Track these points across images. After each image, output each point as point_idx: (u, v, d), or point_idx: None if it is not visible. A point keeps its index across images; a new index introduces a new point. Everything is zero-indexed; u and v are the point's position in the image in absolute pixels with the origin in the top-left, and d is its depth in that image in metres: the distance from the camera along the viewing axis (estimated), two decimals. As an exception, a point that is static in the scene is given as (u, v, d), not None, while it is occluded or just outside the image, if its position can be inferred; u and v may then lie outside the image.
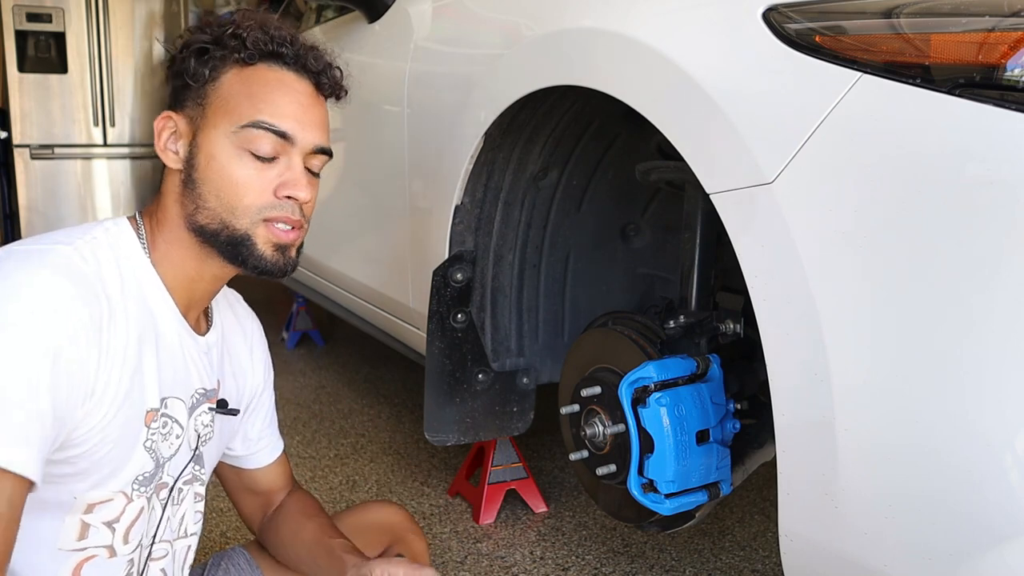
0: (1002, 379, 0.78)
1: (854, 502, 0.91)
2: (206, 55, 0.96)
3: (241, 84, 0.95)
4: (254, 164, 0.95)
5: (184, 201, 0.96)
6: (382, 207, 2.07)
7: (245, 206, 0.95)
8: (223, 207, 0.95)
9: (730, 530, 1.97)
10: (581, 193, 1.74)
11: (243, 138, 0.94)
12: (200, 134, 0.96)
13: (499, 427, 1.82)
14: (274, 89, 0.96)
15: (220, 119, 0.95)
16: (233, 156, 0.94)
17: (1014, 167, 0.77)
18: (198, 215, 0.95)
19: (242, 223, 0.95)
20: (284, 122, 0.95)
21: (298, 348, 3.64)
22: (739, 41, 1.02)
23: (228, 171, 0.94)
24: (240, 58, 0.95)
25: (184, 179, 0.96)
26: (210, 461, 1.11)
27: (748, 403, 1.37)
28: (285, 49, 0.97)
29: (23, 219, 5.01)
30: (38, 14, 4.86)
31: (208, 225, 0.95)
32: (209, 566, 1.23)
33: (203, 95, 0.96)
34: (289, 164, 0.97)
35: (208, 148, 0.95)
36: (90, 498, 0.93)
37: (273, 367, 1.25)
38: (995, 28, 0.83)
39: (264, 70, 0.96)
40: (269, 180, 0.96)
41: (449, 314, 1.67)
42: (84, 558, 0.95)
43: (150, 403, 0.94)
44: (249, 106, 0.94)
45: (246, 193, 0.95)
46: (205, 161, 0.95)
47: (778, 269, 0.95)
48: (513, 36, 1.49)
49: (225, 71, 0.96)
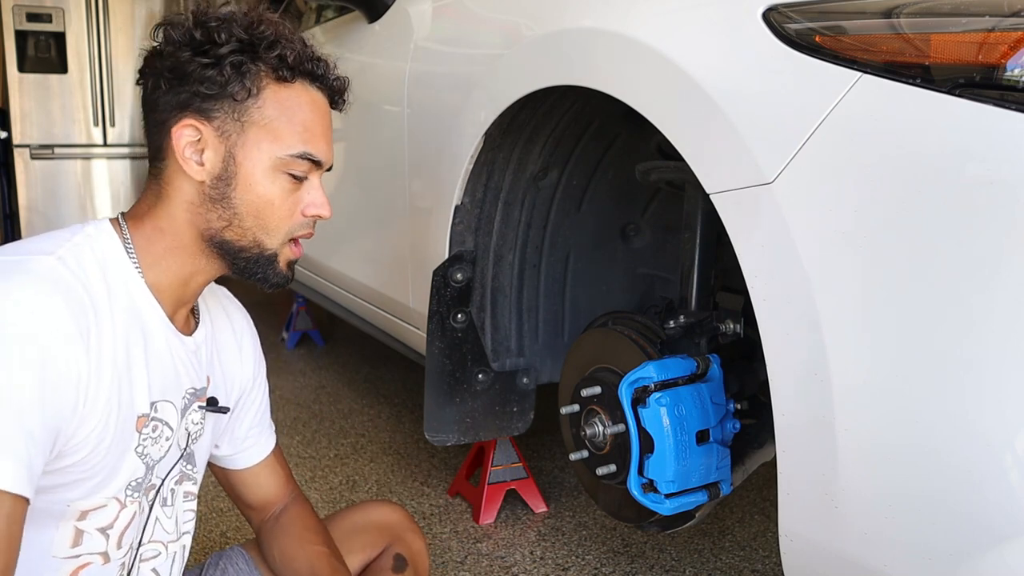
0: (1002, 379, 0.78)
1: (854, 502, 0.91)
2: (243, 67, 0.93)
3: (281, 105, 0.95)
4: (289, 185, 0.97)
5: (206, 214, 0.95)
6: (382, 207, 2.07)
7: (278, 226, 0.98)
8: (259, 227, 0.97)
9: (730, 530, 1.97)
10: (581, 193, 1.74)
11: (288, 164, 0.96)
12: (239, 151, 0.94)
13: (499, 427, 1.82)
14: (311, 115, 0.98)
15: (264, 141, 0.94)
16: (272, 178, 0.96)
17: (1014, 167, 0.77)
18: (227, 231, 0.96)
19: (274, 242, 0.98)
20: (322, 150, 0.98)
21: (298, 348, 3.64)
22: (739, 41, 1.02)
23: (269, 193, 0.96)
24: (281, 76, 0.95)
25: (211, 193, 0.95)
26: (202, 459, 1.10)
27: (748, 403, 1.37)
28: (317, 68, 0.99)
29: (23, 219, 5.00)
30: (38, 14, 4.86)
31: (237, 242, 0.97)
32: (208, 566, 1.23)
33: (243, 111, 0.94)
34: (312, 183, 1.00)
35: (249, 168, 0.94)
36: (84, 505, 0.92)
37: (267, 365, 1.23)
38: (995, 28, 0.83)
39: (300, 90, 0.97)
40: (298, 200, 0.99)
41: (449, 314, 1.67)
42: (79, 566, 0.95)
43: (140, 408, 0.94)
44: (293, 134, 0.96)
45: (282, 214, 0.97)
46: (246, 181, 0.95)
47: (778, 269, 0.95)
48: (513, 36, 1.49)
49: (263, 87, 0.94)
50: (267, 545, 1.20)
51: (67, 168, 5.10)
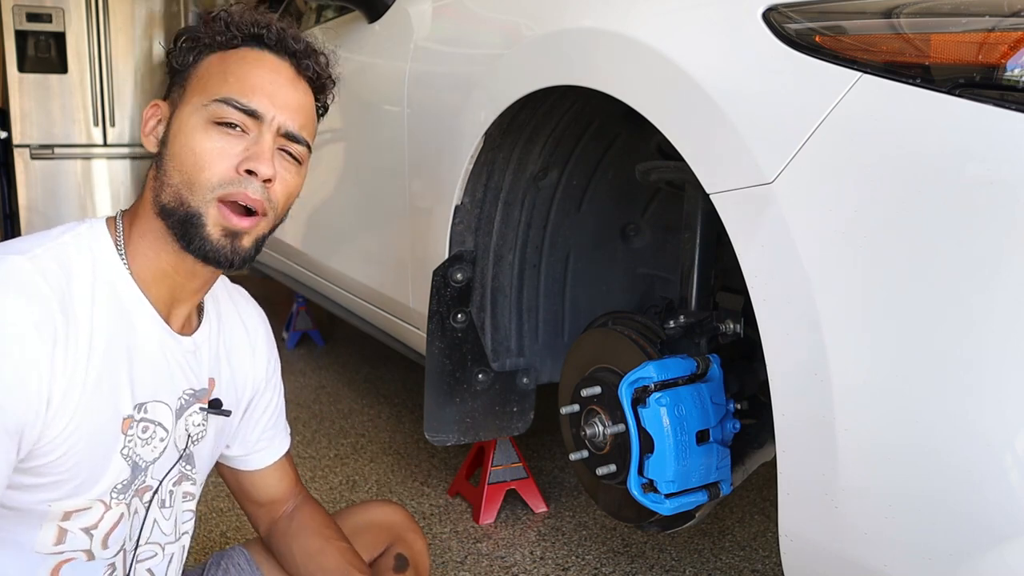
0: (1002, 379, 0.78)
1: (854, 502, 0.91)
2: (191, 42, 0.97)
3: (218, 64, 0.96)
4: (220, 138, 0.92)
5: (154, 184, 0.95)
6: (382, 207, 2.07)
7: (203, 180, 0.91)
8: (183, 182, 0.91)
9: (730, 530, 1.97)
10: (581, 193, 1.75)
11: (212, 112, 0.92)
12: (176, 112, 0.96)
13: (499, 427, 1.82)
14: (250, 66, 0.95)
15: (193, 96, 0.95)
16: (199, 129, 0.92)
17: (1014, 167, 0.77)
18: (162, 194, 0.93)
19: (196, 199, 0.91)
20: (254, 98, 0.93)
21: (298, 348, 3.64)
22: (739, 41, 1.02)
23: (191, 144, 0.92)
24: (222, 41, 0.96)
25: (157, 160, 0.95)
26: (203, 461, 1.09)
27: (748, 403, 1.37)
28: (266, 32, 0.96)
29: (23, 219, 5.01)
30: (38, 14, 4.86)
31: (168, 203, 0.92)
32: (209, 565, 1.23)
33: (184, 78, 0.97)
34: (256, 140, 0.93)
35: (178, 124, 0.94)
36: (66, 506, 0.92)
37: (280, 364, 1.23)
38: (995, 28, 0.83)
39: (244, 51, 0.97)
40: (233, 155, 0.92)
41: (449, 314, 1.67)
42: (62, 560, 0.94)
43: (124, 410, 0.93)
44: (221, 82, 0.93)
45: (206, 166, 0.91)
46: (174, 137, 0.94)
47: (778, 269, 0.95)
48: (513, 36, 1.49)
49: (208, 55, 0.97)
50: (283, 544, 1.19)
51: (67, 168, 5.10)
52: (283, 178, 0.96)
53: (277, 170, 0.94)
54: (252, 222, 0.94)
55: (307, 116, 0.99)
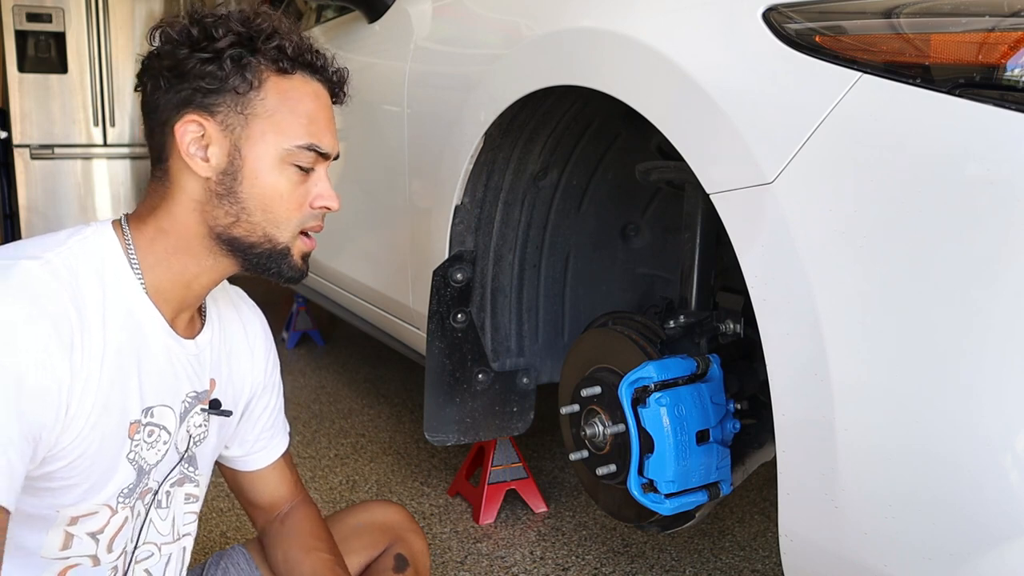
0: (1002, 379, 0.78)
1: (854, 502, 0.91)
2: (242, 59, 0.93)
3: (283, 97, 0.95)
4: (298, 178, 0.97)
5: (213, 211, 0.94)
6: (382, 207, 2.07)
7: (287, 218, 0.97)
8: (268, 221, 0.96)
9: (730, 530, 1.97)
10: (581, 193, 1.75)
11: (295, 156, 0.95)
12: (244, 144, 0.93)
13: (499, 427, 1.82)
14: (313, 105, 0.97)
15: (269, 133, 0.94)
16: (280, 171, 0.95)
17: (1014, 167, 0.77)
18: (236, 227, 0.95)
19: (285, 236, 0.97)
20: (328, 142, 0.98)
21: (298, 348, 3.64)
22: (739, 41, 1.02)
23: (276, 186, 0.95)
24: (281, 68, 0.95)
25: (218, 189, 0.94)
26: (205, 461, 1.09)
27: (748, 403, 1.36)
28: (317, 60, 0.99)
29: (23, 219, 5.01)
30: (38, 14, 4.86)
31: (247, 238, 0.96)
32: (208, 565, 1.23)
33: (245, 104, 0.93)
34: (320, 175, 0.99)
35: (255, 161, 0.94)
36: (74, 512, 0.92)
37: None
38: (995, 28, 0.83)
39: (300, 82, 0.97)
40: (306, 192, 0.98)
41: (449, 314, 1.67)
42: (67, 566, 0.94)
43: (132, 415, 0.93)
44: (298, 125, 0.95)
45: (291, 207, 0.97)
46: (252, 174, 0.94)
47: (778, 269, 0.95)
48: (513, 36, 1.49)
49: (264, 79, 0.94)
50: (271, 548, 1.19)
51: (67, 168, 5.10)
52: None
53: None
54: (315, 242, 1.04)
55: None
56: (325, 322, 3.90)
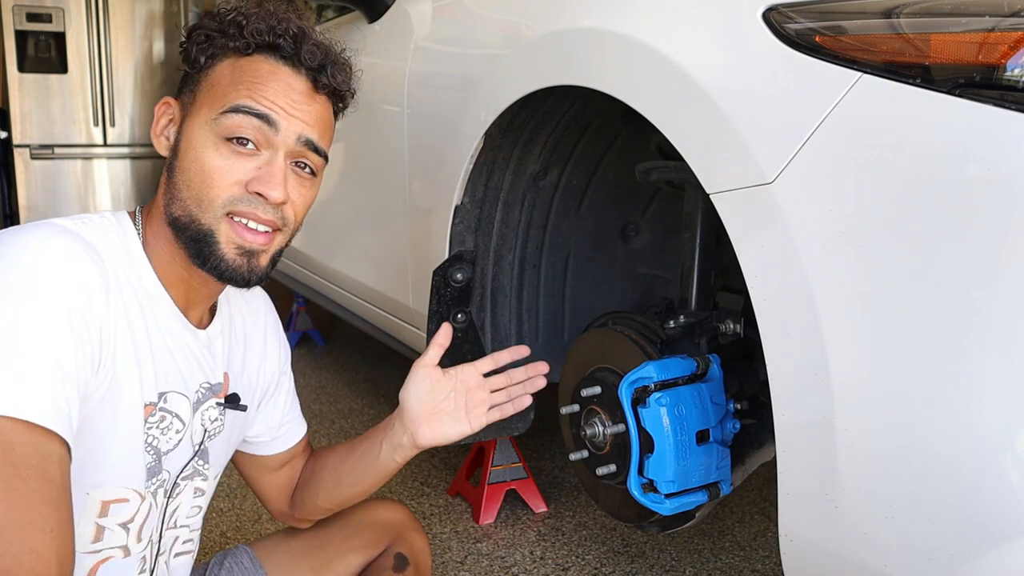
0: (1002, 379, 0.78)
1: (854, 502, 0.91)
2: (207, 42, 0.94)
3: (231, 72, 0.92)
4: (231, 154, 0.90)
5: (164, 192, 0.94)
6: (382, 207, 2.07)
7: (211, 197, 0.89)
8: (192, 197, 0.90)
9: (730, 530, 1.97)
10: (581, 193, 1.75)
11: (223, 126, 0.90)
12: (186, 120, 0.93)
13: (499, 427, 1.81)
14: (264, 78, 0.92)
15: (204, 106, 0.92)
16: (210, 144, 0.90)
17: (1014, 167, 0.77)
18: (172, 206, 0.92)
19: (207, 216, 0.90)
20: (267, 107, 0.90)
21: (298, 348, 3.64)
22: (739, 41, 1.02)
23: (201, 159, 0.90)
24: (236, 47, 0.92)
25: (168, 169, 0.94)
26: (217, 456, 1.08)
27: (748, 403, 1.36)
28: (283, 42, 0.93)
29: (23, 219, 5.01)
30: (38, 14, 4.86)
31: (180, 218, 0.91)
32: (212, 564, 1.23)
33: (196, 82, 0.94)
34: (268, 159, 0.91)
35: (189, 135, 0.92)
36: (104, 495, 0.91)
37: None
38: (995, 28, 0.83)
39: (259, 61, 0.93)
40: (243, 172, 0.90)
41: (449, 314, 1.67)
42: (99, 560, 0.94)
43: (147, 396, 0.93)
44: (233, 92, 0.91)
45: (214, 183, 0.89)
46: (185, 149, 0.92)
47: (778, 269, 0.95)
48: (513, 36, 1.49)
49: (221, 60, 0.94)
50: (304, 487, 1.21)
51: (67, 168, 5.10)
52: (297, 194, 0.95)
53: (289, 191, 0.93)
54: (267, 239, 0.93)
55: (324, 127, 0.97)
56: (325, 322, 3.89)
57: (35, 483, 0.73)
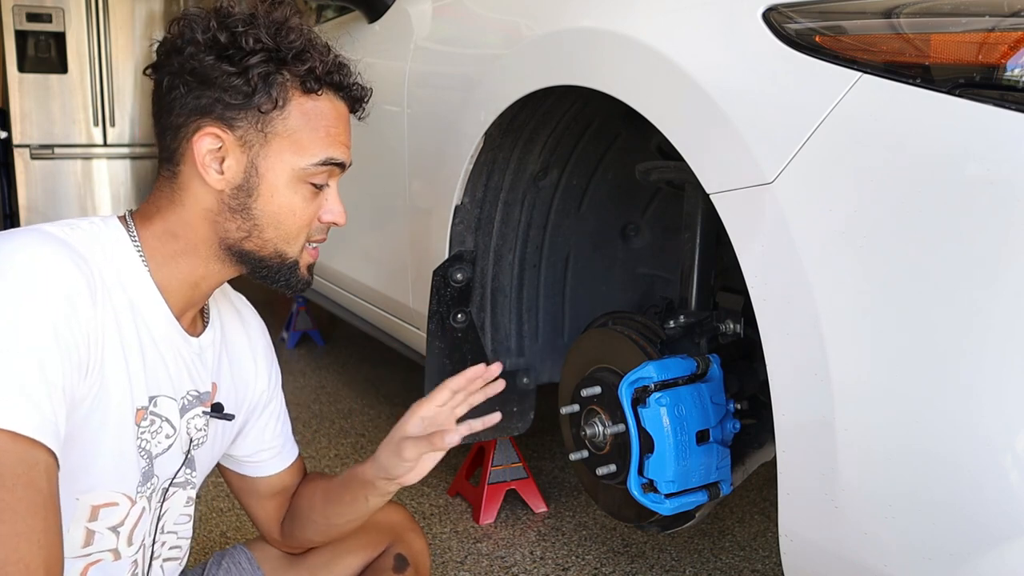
0: (1002, 379, 0.78)
1: (854, 502, 0.91)
2: (270, 78, 0.91)
3: (306, 116, 0.95)
4: (311, 195, 0.97)
5: (225, 223, 0.94)
6: (382, 207, 2.07)
7: (297, 235, 0.98)
8: (279, 238, 0.97)
9: (730, 530, 1.97)
10: (581, 193, 1.75)
11: (311, 174, 0.96)
12: (262, 163, 0.93)
13: (499, 427, 1.82)
14: (334, 123, 0.98)
15: (287, 152, 0.94)
16: (292, 187, 0.95)
17: (1014, 167, 0.77)
18: (247, 242, 0.96)
19: (294, 251, 0.99)
20: (343, 154, 0.98)
21: (298, 348, 3.64)
22: (739, 41, 1.02)
23: (291, 204, 0.96)
24: (308, 88, 0.94)
25: (231, 203, 0.94)
26: (202, 466, 1.09)
27: (748, 403, 1.37)
28: (345, 79, 0.99)
29: (23, 219, 5.01)
30: (38, 14, 4.86)
31: (257, 252, 0.97)
32: (210, 564, 1.23)
33: (267, 122, 0.92)
34: (331, 190, 1.00)
35: (272, 180, 0.94)
36: (93, 500, 0.92)
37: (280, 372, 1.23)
38: (995, 28, 0.83)
39: (325, 101, 0.97)
40: (317, 208, 0.99)
41: (449, 314, 1.67)
42: (89, 563, 0.94)
43: (138, 401, 0.93)
44: (317, 142, 0.95)
45: (302, 223, 0.98)
46: (268, 192, 0.94)
47: (778, 269, 0.95)
48: (513, 36, 1.49)
49: (290, 98, 0.93)
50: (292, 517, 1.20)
51: (67, 168, 5.10)
52: None
53: None
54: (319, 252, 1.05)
55: None
56: (325, 322, 3.89)
57: (21, 492, 0.74)
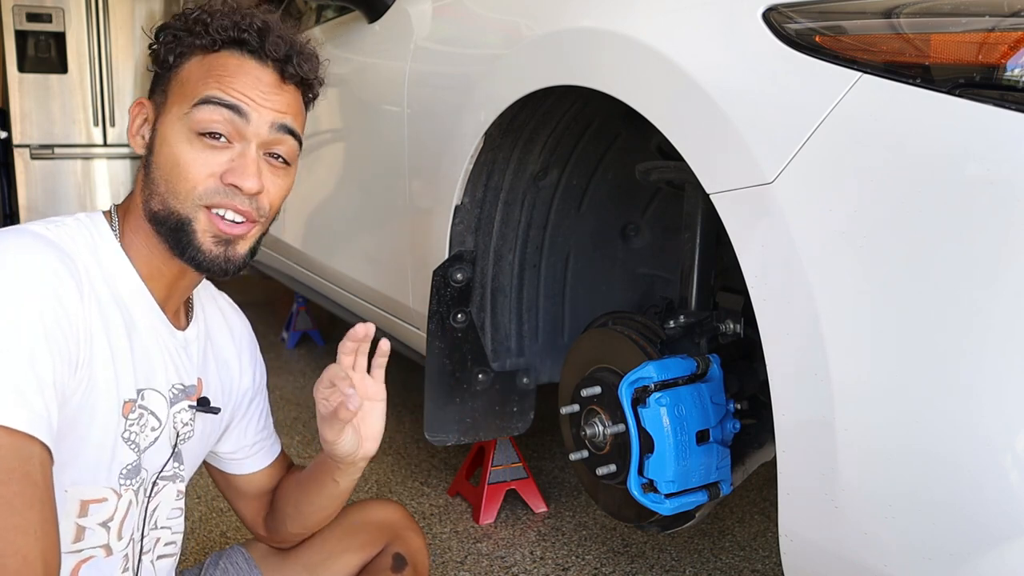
0: (1002, 379, 0.78)
1: (854, 502, 0.91)
2: (174, 42, 0.96)
3: (200, 68, 0.95)
4: (203, 147, 0.92)
5: (143, 188, 0.97)
6: (382, 207, 2.07)
7: (187, 190, 0.92)
8: (168, 191, 0.93)
9: (730, 530, 1.97)
10: (581, 193, 1.74)
11: (195, 120, 0.92)
12: (160, 119, 0.96)
13: (499, 427, 1.82)
14: (232, 71, 0.94)
15: (175, 103, 0.95)
16: (183, 139, 0.93)
17: (1014, 167, 0.77)
18: (151, 201, 0.95)
19: (183, 207, 0.92)
20: (237, 97, 0.93)
21: (298, 348, 3.64)
22: (739, 41, 1.02)
23: (175, 153, 0.93)
24: (203, 44, 0.95)
25: (145, 165, 0.97)
26: (190, 460, 1.09)
27: (748, 403, 1.37)
28: (248, 35, 0.95)
29: (23, 219, 5.01)
30: (38, 14, 4.86)
31: (159, 211, 0.94)
32: (207, 565, 1.23)
33: (166, 81, 0.96)
34: (241, 151, 0.94)
35: (163, 132, 0.95)
36: (82, 494, 0.92)
37: (267, 368, 1.23)
38: (995, 28, 0.83)
39: (225, 56, 0.95)
40: (216, 164, 0.93)
41: (449, 314, 1.67)
42: (81, 560, 0.95)
43: (126, 393, 0.94)
44: (203, 86, 0.93)
45: (190, 176, 0.92)
46: (159, 145, 0.95)
47: (778, 269, 0.95)
48: (513, 36, 1.49)
49: (189, 58, 0.96)
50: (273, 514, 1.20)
51: (67, 168, 5.10)
52: (272, 184, 0.97)
53: (264, 181, 0.95)
54: (244, 228, 0.96)
55: (295, 113, 0.99)
56: (325, 322, 3.89)
57: (17, 486, 0.74)
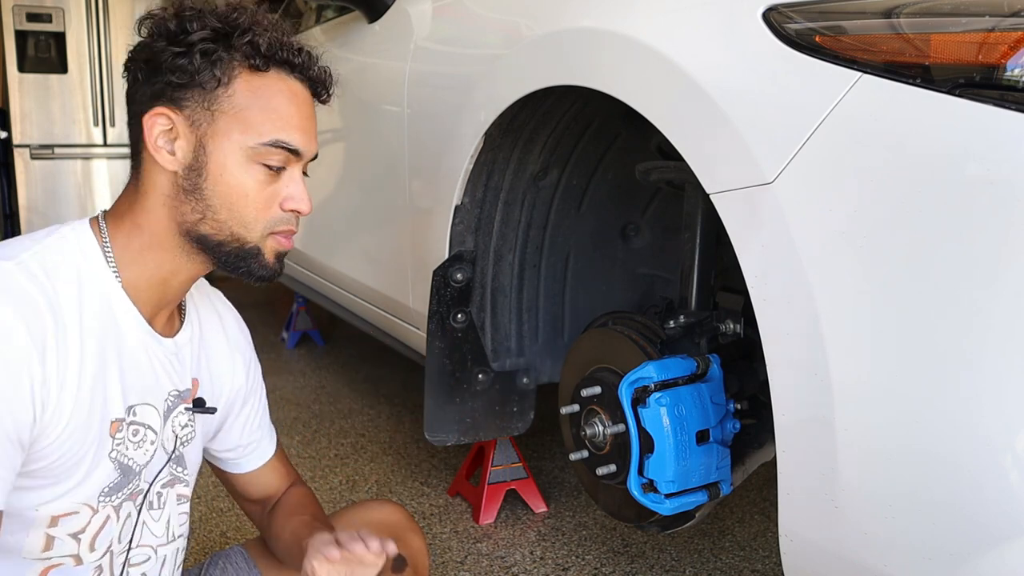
0: (1002, 379, 0.78)
1: (854, 502, 0.91)
2: (213, 55, 0.92)
3: (254, 94, 0.93)
4: (264, 175, 0.94)
5: (181, 207, 0.94)
6: (382, 207, 2.07)
7: (255, 219, 0.95)
8: (234, 220, 0.94)
9: (730, 530, 1.97)
10: (581, 193, 1.74)
11: (259, 154, 0.93)
12: (210, 141, 0.92)
13: (499, 427, 1.82)
14: (287, 103, 0.95)
15: (235, 130, 0.92)
16: (246, 169, 0.93)
17: (1014, 167, 0.77)
18: (202, 225, 0.94)
19: (253, 236, 0.96)
20: (298, 138, 0.95)
21: (298, 348, 3.64)
22: (739, 41, 1.02)
23: (242, 184, 0.93)
24: (254, 64, 0.93)
25: (184, 184, 0.93)
26: (193, 462, 1.09)
27: (748, 403, 1.37)
28: (295, 57, 0.96)
29: (23, 219, 5.01)
30: (38, 14, 4.86)
31: (214, 236, 0.94)
32: (207, 565, 1.23)
33: (213, 100, 0.92)
34: (292, 176, 0.97)
35: (220, 158, 0.92)
36: (52, 510, 0.92)
37: (267, 365, 1.23)
38: (995, 28, 0.83)
39: (275, 79, 0.95)
40: (275, 193, 0.96)
41: (449, 314, 1.67)
42: (49, 566, 0.94)
43: (114, 413, 0.93)
44: (267, 122, 0.93)
45: (257, 205, 0.95)
46: (217, 171, 0.92)
47: (778, 269, 0.95)
48: (513, 36, 1.49)
49: (235, 75, 0.93)
50: (267, 532, 1.20)
51: (67, 168, 5.10)
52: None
53: None
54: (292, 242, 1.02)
55: None
56: (325, 322, 3.89)
57: None
